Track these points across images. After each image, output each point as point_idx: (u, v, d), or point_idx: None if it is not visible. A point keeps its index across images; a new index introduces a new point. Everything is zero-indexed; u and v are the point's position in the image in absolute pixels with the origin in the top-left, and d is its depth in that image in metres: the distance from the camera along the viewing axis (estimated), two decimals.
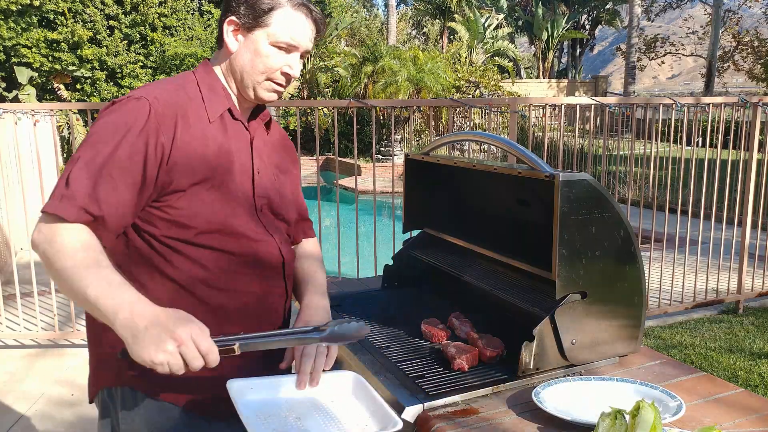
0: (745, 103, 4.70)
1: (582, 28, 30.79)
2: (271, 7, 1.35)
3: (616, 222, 1.46)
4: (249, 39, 1.37)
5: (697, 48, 27.50)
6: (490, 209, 1.98)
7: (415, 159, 2.00)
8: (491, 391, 1.39)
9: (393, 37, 22.20)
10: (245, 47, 1.38)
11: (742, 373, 3.73)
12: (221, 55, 1.42)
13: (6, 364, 4.08)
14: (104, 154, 1.23)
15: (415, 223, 2.09)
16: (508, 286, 1.69)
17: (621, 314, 1.51)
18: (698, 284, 4.93)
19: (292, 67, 1.40)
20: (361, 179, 11.40)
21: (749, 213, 4.88)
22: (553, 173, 1.39)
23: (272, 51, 1.37)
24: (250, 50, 1.37)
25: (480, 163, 1.76)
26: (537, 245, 1.52)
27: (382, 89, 15.31)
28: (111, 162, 1.23)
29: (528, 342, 1.40)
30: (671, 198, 7.91)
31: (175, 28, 17.82)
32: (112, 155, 1.23)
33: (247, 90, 1.41)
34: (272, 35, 1.36)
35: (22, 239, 6.83)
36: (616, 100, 4.65)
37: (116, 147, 1.24)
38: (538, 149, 9.53)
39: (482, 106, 5.04)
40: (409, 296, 2.01)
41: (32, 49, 15.72)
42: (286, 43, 1.37)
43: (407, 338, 1.69)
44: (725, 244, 4.88)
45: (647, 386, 1.36)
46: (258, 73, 1.38)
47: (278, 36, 1.36)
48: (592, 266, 1.44)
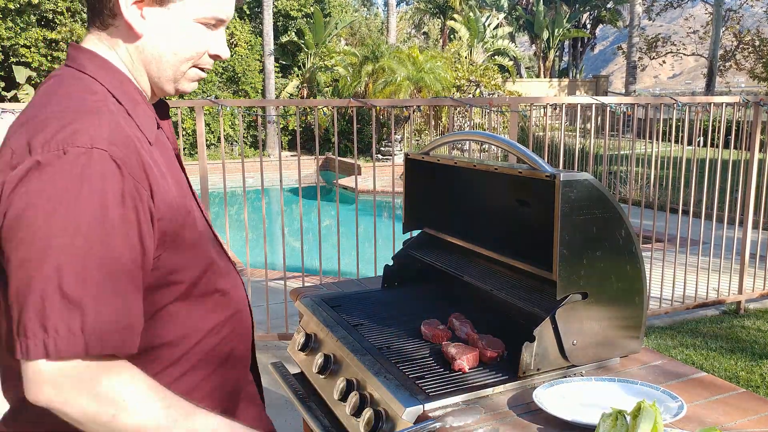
0: (747, 102, 4.69)
1: (583, 27, 30.78)
2: None
3: (617, 222, 1.45)
4: (163, 17, 1.00)
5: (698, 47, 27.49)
6: (491, 209, 1.98)
7: (415, 159, 1.99)
8: (492, 392, 1.38)
9: (393, 37, 22.18)
10: (160, 28, 1.01)
11: (743, 373, 3.72)
12: (117, 41, 1.02)
13: None
14: (96, 254, 0.86)
15: (415, 223, 2.08)
16: (509, 286, 1.69)
17: (622, 314, 1.50)
18: (699, 284, 4.92)
19: (221, 45, 1.08)
20: (361, 179, 11.40)
21: (750, 213, 4.87)
22: (553, 173, 1.38)
23: (198, 30, 1.04)
24: (168, 31, 1.02)
25: (480, 163, 1.75)
26: (537, 245, 1.52)
27: (382, 88, 15.30)
28: (109, 260, 0.88)
29: (528, 342, 1.40)
30: (672, 198, 7.91)
31: None
32: (105, 250, 0.87)
33: (166, 84, 1.07)
34: (196, 10, 1.02)
35: None
36: (618, 100, 4.64)
37: (105, 237, 0.87)
38: (538, 149, 9.53)
39: (482, 105, 5.04)
40: (409, 296, 2.00)
41: (31, 48, 15.74)
42: (215, 18, 1.04)
43: (407, 339, 1.68)
44: (726, 244, 4.87)
45: (648, 387, 1.35)
46: (184, 61, 1.05)
47: (205, 10, 1.02)
48: (592, 266, 1.43)
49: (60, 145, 0.87)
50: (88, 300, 0.85)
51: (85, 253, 0.85)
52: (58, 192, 0.85)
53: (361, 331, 1.74)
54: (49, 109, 0.93)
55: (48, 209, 0.85)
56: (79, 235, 0.85)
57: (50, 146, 0.87)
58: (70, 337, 0.84)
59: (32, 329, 0.83)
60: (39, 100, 0.98)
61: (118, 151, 0.90)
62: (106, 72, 1.02)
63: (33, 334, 0.83)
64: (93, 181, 0.87)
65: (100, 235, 0.87)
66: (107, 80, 1.01)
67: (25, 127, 0.91)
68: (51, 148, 0.86)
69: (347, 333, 1.71)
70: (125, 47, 1.03)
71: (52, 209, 0.85)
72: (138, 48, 1.03)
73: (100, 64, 1.02)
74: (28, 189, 0.85)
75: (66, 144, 0.87)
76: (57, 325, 0.83)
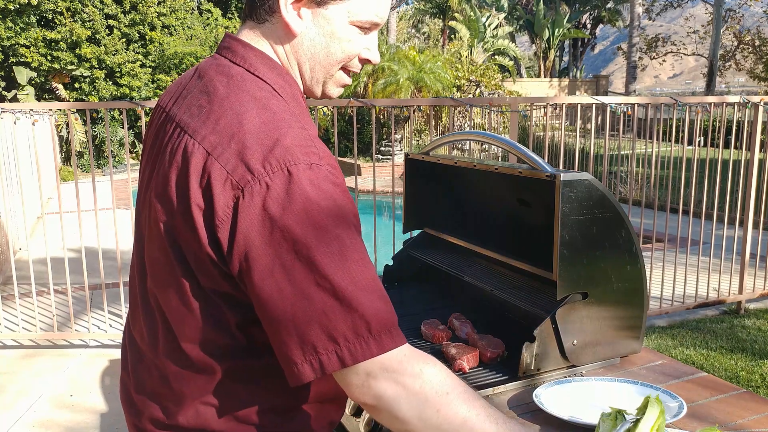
0: (747, 102, 4.69)
1: (583, 27, 30.77)
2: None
3: (618, 222, 1.45)
4: (320, 17, 0.99)
5: (698, 47, 27.48)
6: (491, 209, 1.97)
7: (415, 159, 1.99)
8: (492, 392, 1.38)
9: (393, 36, 22.20)
10: (316, 28, 1.00)
11: (743, 373, 3.72)
12: (275, 37, 1.01)
13: (5, 364, 4.07)
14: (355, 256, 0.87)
15: (415, 223, 2.08)
16: (509, 286, 1.69)
17: (622, 314, 1.50)
18: (700, 284, 4.92)
19: (373, 50, 1.05)
20: (361, 179, 11.39)
21: (751, 213, 4.87)
22: (554, 173, 1.38)
23: (353, 33, 1.01)
24: (323, 32, 1.00)
25: (481, 163, 1.75)
26: (538, 245, 1.52)
27: (382, 88, 15.30)
28: (365, 257, 0.89)
29: (529, 343, 1.40)
30: (672, 198, 7.90)
31: (174, 27, 17.82)
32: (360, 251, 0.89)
33: (315, 86, 1.06)
34: (354, 12, 0.99)
35: (21, 239, 6.83)
36: (618, 100, 4.64)
37: (353, 238, 0.89)
38: (539, 149, 9.53)
39: (483, 105, 5.03)
40: (409, 296, 2.00)
41: (31, 48, 15.74)
42: (371, 22, 1.01)
43: (407, 339, 1.68)
44: (727, 244, 4.87)
45: (648, 387, 1.35)
46: (336, 63, 1.03)
47: (362, 13, 1.00)
48: (593, 266, 1.43)
49: (308, 164, 0.86)
50: (376, 295, 0.87)
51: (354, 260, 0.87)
52: (324, 204, 0.86)
53: None
54: (249, 117, 0.90)
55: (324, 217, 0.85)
56: (348, 246, 0.87)
57: (272, 165, 0.85)
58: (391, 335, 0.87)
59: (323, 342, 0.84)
60: (218, 101, 0.94)
61: (331, 165, 0.90)
62: (278, 76, 1.00)
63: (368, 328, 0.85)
64: (335, 193, 0.88)
65: (350, 237, 0.88)
66: (279, 85, 0.99)
67: (219, 131, 0.89)
68: (274, 168, 0.85)
69: None
70: (282, 46, 1.01)
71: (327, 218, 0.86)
72: (293, 46, 1.01)
73: (271, 65, 1.00)
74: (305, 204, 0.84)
75: (311, 162, 0.87)
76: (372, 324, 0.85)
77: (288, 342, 0.84)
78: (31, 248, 4.57)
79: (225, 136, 0.88)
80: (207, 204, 0.86)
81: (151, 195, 0.97)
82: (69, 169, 14.11)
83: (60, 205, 4.17)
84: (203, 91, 0.97)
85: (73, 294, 4.72)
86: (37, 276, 4.37)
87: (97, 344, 4.30)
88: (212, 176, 0.86)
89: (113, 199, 4.34)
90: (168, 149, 0.95)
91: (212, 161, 0.87)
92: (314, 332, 0.83)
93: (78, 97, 16.23)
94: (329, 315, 0.83)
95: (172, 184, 0.91)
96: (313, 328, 0.83)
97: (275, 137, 0.87)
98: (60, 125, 13.94)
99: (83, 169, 14.91)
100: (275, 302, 0.84)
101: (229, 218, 0.85)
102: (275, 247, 0.83)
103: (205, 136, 0.90)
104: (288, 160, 0.85)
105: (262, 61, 1.00)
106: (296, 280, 0.83)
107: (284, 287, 0.83)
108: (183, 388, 0.97)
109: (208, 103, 0.95)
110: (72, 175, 9.86)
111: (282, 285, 0.83)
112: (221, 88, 0.96)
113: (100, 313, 4.53)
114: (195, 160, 0.89)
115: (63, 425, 3.28)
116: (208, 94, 0.96)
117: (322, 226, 0.84)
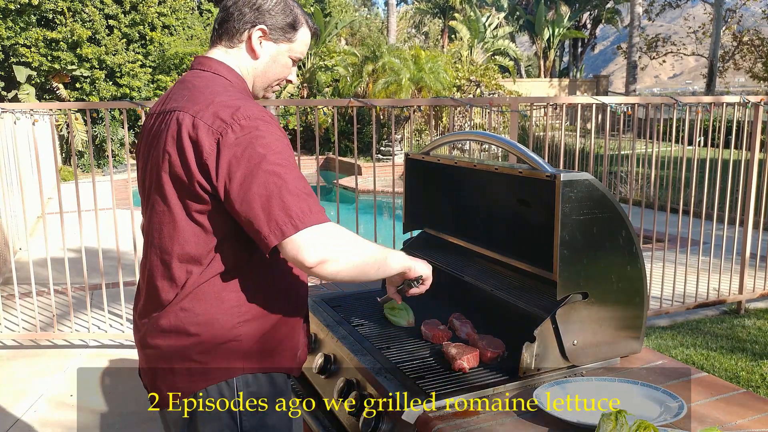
0: (747, 102, 4.69)
1: (583, 27, 30.77)
2: (298, 26, 1.50)
3: (618, 222, 1.45)
4: (273, 49, 1.49)
5: (698, 47, 27.47)
6: (491, 209, 1.97)
7: (415, 158, 1.99)
8: (492, 392, 1.38)
9: (393, 36, 22.19)
10: (268, 55, 1.49)
11: (743, 373, 3.72)
12: (241, 58, 1.49)
13: (5, 364, 4.07)
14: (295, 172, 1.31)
15: (415, 223, 2.08)
16: (509, 286, 1.69)
17: (622, 315, 1.50)
18: (700, 284, 4.92)
19: (293, 74, 1.59)
20: (362, 179, 11.40)
21: (751, 213, 4.87)
22: (554, 173, 1.38)
23: (288, 62, 1.53)
24: (271, 59, 1.50)
25: (481, 163, 1.75)
26: (538, 245, 1.52)
27: (382, 88, 15.30)
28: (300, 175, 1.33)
29: (529, 343, 1.40)
30: (672, 198, 7.90)
31: (174, 28, 17.83)
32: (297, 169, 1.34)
33: (259, 92, 1.56)
34: (293, 50, 1.51)
35: (21, 239, 6.83)
36: (618, 100, 4.63)
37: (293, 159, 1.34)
38: (539, 149, 9.53)
39: (483, 105, 5.03)
40: (410, 297, 1.99)
41: (31, 48, 15.73)
42: (298, 58, 1.55)
43: (408, 339, 1.68)
44: (727, 244, 4.87)
45: (649, 387, 1.35)
46: (272, 80, 1.54)
47: (296, 51, 1.52)
48: (593, 266, 1.43)
49: (256, 117, 1.30)
50: (306, 193, 1.28)
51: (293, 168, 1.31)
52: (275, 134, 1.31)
53: (361, 331, 1.74)
54: (219, 97, 1.34)
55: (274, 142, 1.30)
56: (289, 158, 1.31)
57: (238, 117, 1.29)
58: (314, 215, 1.26)
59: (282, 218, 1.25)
60: (198, 90, 1.38)
61: (277, 123, 1.35)
62: (237, 80, 1.48)
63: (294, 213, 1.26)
64: (279, 132, 1.33)
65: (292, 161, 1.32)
66: (239, 86, 1.47)
67: (200, 105, 1.32)
68: (239, 118, 1.28)
69: (347, 333, 1.71)
70: (245, 63, 1.49)
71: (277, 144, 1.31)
72: (253, 65, 1.50)
73: (233, 73, 1.48)
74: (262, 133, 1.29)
75: (259, 118, 1.30)
76: (301, 208, 1.25)
77: (259, 224, 1.24)
78: (31, 248, 4.57)
79: (204, 106, 1.32)
80: (196, 147, 1.28)
81: (154, 159, 1.37)
82: (69, 169, 14.11)
83: (60, 205, 4.17)
84: (184, 87, 1.42)
85: (73, 294, 4.72)
86: (37, 276, 4.37)
87: (97, 344, 4.30)
88: (199, 129, 1.29)
89: (113, 199, 4.34)
90: (162, 127, 1.37)
91: (198, 120, 1.30)
92: (276, 212, 1.24)
93: (78, 97, 16.22)
94: (285, 201, 1.24)
95: (171, 142, 1.32)
96: (275, 210, 1.24)
97: (238, 105, 1.32)
98: (60, 125, 13.94)
99: (83, 169, 14.92)
100: (251, 198, 1.24)
101: (215, 152, 1.27)
102: (247, 162, 1.26)
103: (189, 108, 1.33)
104: (249, 115, 1.30)
105: (227, 70, 1.47)
106: (263, 181, 1.25)
107: (256, 187, 1.25)
108: (168, 297, 1.38)
109: (189, 92, 1.39)
110: (72, 174, 9.86)
111: (254, 186, 1.25)
112: (198, 83, 1.42)
113: (100, 313, 4.54)
114: (185, 123, 1.31)
115: (63, 425, 3.28)
116: (189, 88, 1.41)
117: (276, 150, 1.29)
